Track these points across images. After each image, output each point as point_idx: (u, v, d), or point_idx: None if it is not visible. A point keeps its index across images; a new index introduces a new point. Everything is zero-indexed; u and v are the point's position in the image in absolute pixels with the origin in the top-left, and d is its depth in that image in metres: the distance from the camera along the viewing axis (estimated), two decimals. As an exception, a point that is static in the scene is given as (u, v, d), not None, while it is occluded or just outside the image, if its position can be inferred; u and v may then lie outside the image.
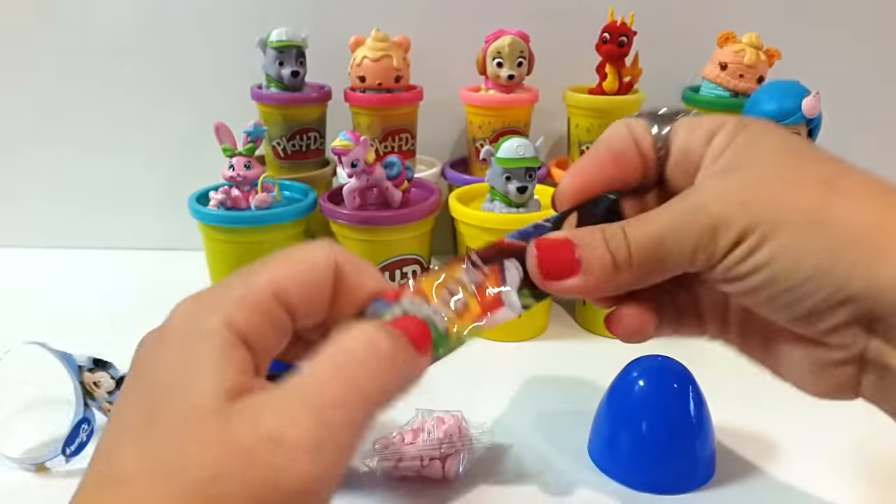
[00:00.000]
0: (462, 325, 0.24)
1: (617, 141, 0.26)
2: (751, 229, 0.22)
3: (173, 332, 0.21)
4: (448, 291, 0.24)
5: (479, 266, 0.25)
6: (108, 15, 0.72)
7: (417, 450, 0.41)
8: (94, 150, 0.77)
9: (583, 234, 0.24)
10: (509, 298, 0.25)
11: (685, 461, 0.41)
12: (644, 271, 0.23)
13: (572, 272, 0.24)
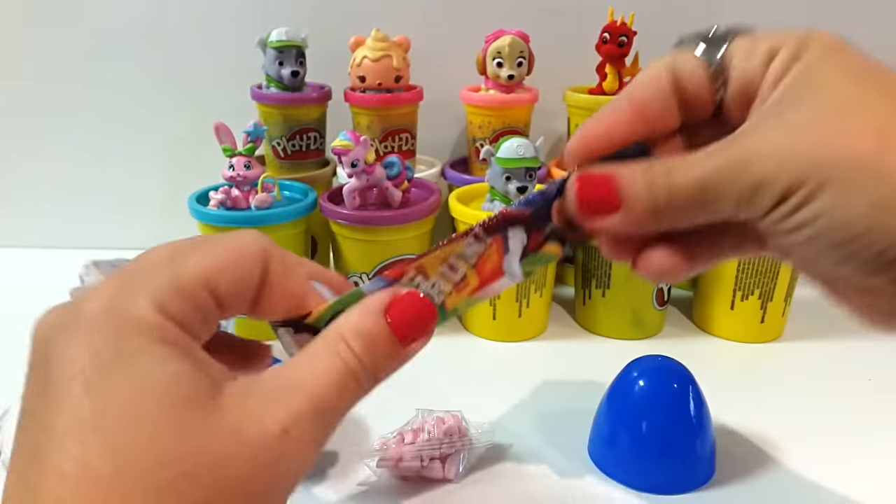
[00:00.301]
0: (459, 299, 0.25)
1: (641, 90, 0.24)
2: (795, 186, 0.20)
3: (98, 317, 0.19)
4: (449, 266, 0.25)
5: (481, 238, 0.25)
6: (108, 16, 0.72)
7: (417, 450, 0.41)
8: (94, 151, 0.77)
9: (628, 172, 0.23)
10: (510, 267, 0.25)
11: (685, 461, 0.41)
12: (684, 217, 0.22)
13: (613, 210, 0.23)
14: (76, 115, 0.75)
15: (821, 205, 0.20)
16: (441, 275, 0.24)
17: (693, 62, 0.24)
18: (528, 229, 0.25)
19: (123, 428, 0.18)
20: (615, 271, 0.58)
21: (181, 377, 0.19)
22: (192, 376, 0.19)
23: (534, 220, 0.25)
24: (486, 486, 0.42)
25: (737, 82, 0.23)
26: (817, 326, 0.62)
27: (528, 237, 0.25)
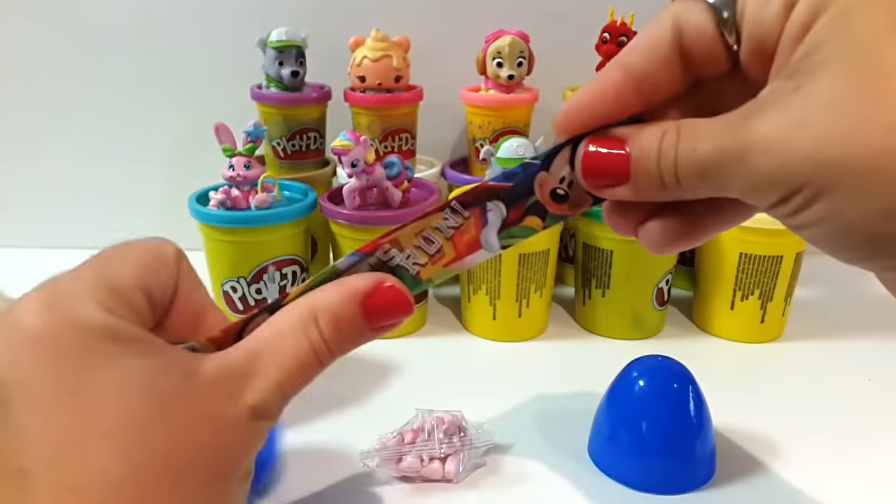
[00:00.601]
0: (434, 270, 0.25)
1: (639, 57, 0.22)
2: (795, 189, 0.18)
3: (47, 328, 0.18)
4: (424, 238, 0.25)
5: (458, 212, 0.24)
6: (107, 16, 0.72)
7: (417, 450, 0.41)
8: (94, 151, 0.77)
9: (641, 139, 0.21)
10: (487, 239, 0.25)
11: (685, 461, 0.41)
12: (689, 192, 0.21)
13: (621, 181, 0.22)
14: (76, 115, 0.75)
15: (824, 208, 0.18)
16: (416, 247, 0.25)
17: (699, 15, 0.20)
18: (508, 203, 0.25)
19: (124, 429, 0.18)
20: (615, 271, 0.58)
21: (156, 372, 0.19)
22: (165, 370, 0.19)
23: (514, 194, 0.24)
24: (486, 486, 0.42)
25: (750, 38, 0.20)
26: (817, 326, 0.62)
27: (508, 210, 0.25)
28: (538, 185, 0.24)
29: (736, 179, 0.20)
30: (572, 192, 0.24)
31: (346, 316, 0.22)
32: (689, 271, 0.66)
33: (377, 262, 0.25)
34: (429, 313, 0.64)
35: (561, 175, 0.24)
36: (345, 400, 0.50)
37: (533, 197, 0.25)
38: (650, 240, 0.24)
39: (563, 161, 0.24)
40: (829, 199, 0.18)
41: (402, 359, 0.56)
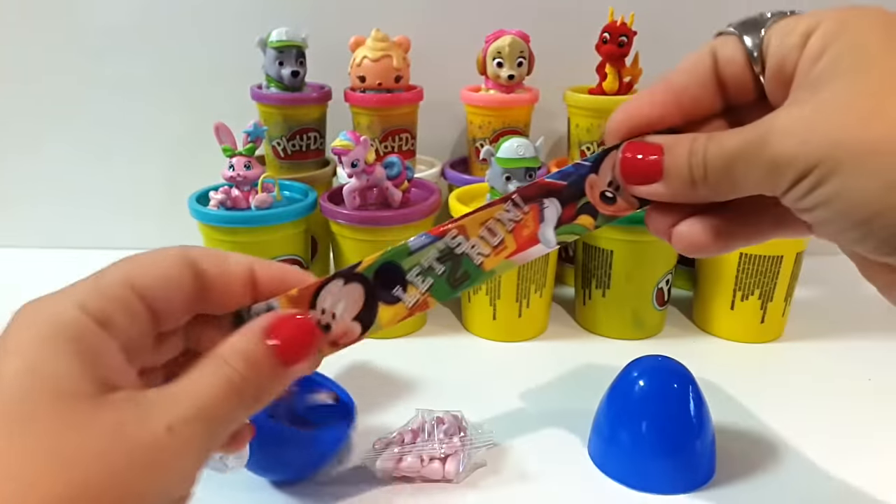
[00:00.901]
0: (496, 261, 0.27)
1: (679, 74, 0.25)
2: (811, 167, 0.21)
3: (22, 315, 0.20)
4: (488, 229, 0.26)
5: (519, 206, 0.26)
6: (107, 15, 0.72)
7: (417, 450, 0.41)
8: (94, 151, 0.77)
9: (673, 141, 0.25)
10: (545, 235, 0.27)
11: (685, 461, 0.41)
12: (719, 190, 0.24)
13: (654, 178, 0.25)
14: (75, 115, 0.75)
15: (833, 187, 0.21)
16: (480, 237, 0.26)
17: (732, 46, 0.24)
18: (563, 200, 0.26)
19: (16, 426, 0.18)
20: (615, 271, 0.58)
21: (66, 374, 0.19)
22: (78, 375, 0.19)
23: (568, 192, 0.26)
24: (486, 486, 0.42)
25: (773, 64, 0.23)
26: (817, 326, 0.62)
27: (563, 208, 0.26)
28: (589, 187, 0.26)
29: (758, 165, 0.22)
30: (619, 195, 0.26)
31: (255, 352, 0.22)
32: (689, 271, 0.66)
33: (445, 249, 0.26)
34: (429, 313, 0.64)
35: (609, 178, 0.26)
36: (345, 400, 0.50)
37: (585, 198, 0.27)
38: (680, 240, 0.26)
39: (610, 165, 0.26)
40: (839, 177, 0.20)
41: (402, 359, 0.56)
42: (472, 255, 0.26)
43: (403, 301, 0.26)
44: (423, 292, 0.26)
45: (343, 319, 0.26)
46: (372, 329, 0.26)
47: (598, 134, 0.65)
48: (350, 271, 0.26)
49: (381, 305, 0.26)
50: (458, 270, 0.26)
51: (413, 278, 0.26)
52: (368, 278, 0.26)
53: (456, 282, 0.26)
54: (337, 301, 0.26)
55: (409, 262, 0.26)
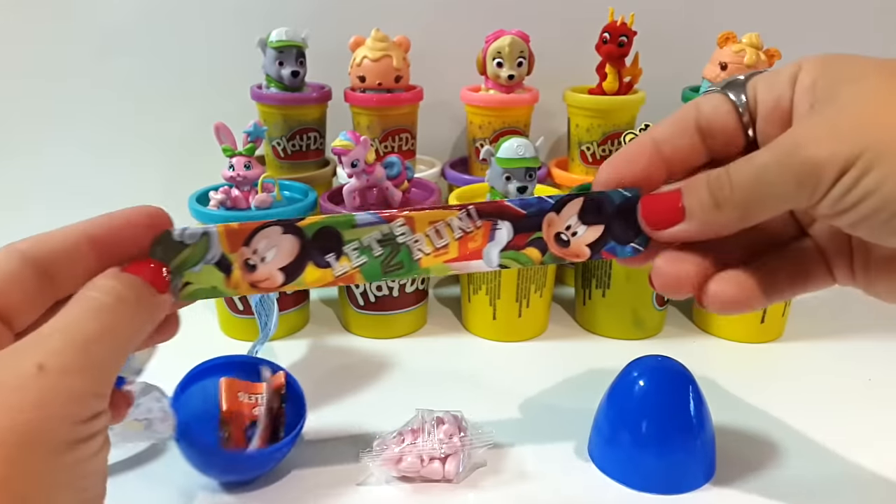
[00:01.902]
0: (433, 262, 0.27)
1: (662, 129, 0.27)
2: (853, 158, 0.21)
3: None
4: (435, 230, 0.27)
5: (472, 218, 0.27)
6: (107, 15, 0.72)
7: (417, 450, 0.41)
8: (94, 151, 0.77)
9: (689, 181, 0.25)
10: (489, 254, 0.27)
11: (685, 461, 0.41)
12: (746, 210, 0.24)
13: (677, 219, 0.25)
14: (75, 115, 0.75)
15: (879, 174, 0.21)
16: (426, 235, 0.27)
17: (716, 99, 0.26)
18: (518, 228, 0.27)
19: None
20: (615, 271, 0.58)
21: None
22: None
23: (525, 222, 0.27)
24: (486, 486, 0.42)
25: (766, 107, 0.25)
26: (817, 326, 0.62)
27: (515, 234, 0.27)
28: (546, 224, 0.27)
29: (790, 177, 0.22)
30: (573, 241, 0.27)
31: (112, 281, 0.24)
32: (689, 271, 0.66)
33: (389, 234, 0.27)
34: (429, 313, 0.64)
35: (567, 223, 0.27)
36: (345, 400, 0.50)
37: (539, 233, 0.27)
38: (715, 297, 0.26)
39: (574, 210, 0.27)
40: (884, 165, 0.21)
41: (402, 359, 0.56)
42: (413, 249, 0.27)
43: (332, 268, 0.27)
44: (354, 267, 0.27)
45: (269, 265, 0.26)
46: (293, 284, 0.27)
47: (598, 134, 0.65)
48: (292, 222, 0.26)
49: (310, 265, 0.27)
50: (394, 258, 0.27)
51: (349, 251, 0.27)
52: (307, 236, 0.26)
53: (389, 268, 0.27)
54: (271, 246, 0.26)
55: (351, 235, 0.27)
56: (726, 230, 0.25)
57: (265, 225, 0.26)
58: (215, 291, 0.27)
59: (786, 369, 0.56)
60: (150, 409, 0.41)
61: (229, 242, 0.26)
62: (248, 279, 0.27)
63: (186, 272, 0.26)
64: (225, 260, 0.26)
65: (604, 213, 0.27)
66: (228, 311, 0.58)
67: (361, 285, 0.58)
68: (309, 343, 0.59)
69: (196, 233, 0.26)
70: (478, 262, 0.27)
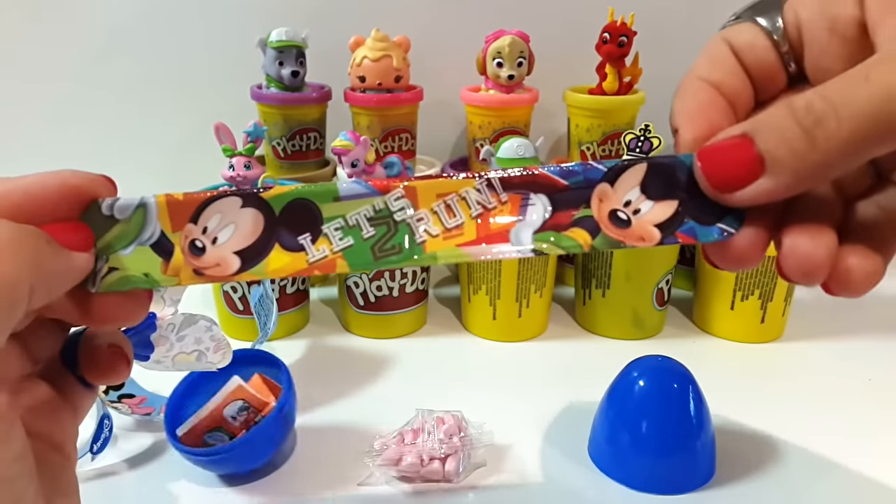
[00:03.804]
0: (444, 246, 0.21)
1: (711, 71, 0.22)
2: None
3: None
4: (446, 204, 0.21)
5: (495, 190, 0.21)
6: (107, 15, 0.72)
7: (417, 450, 0.41)
8: (94, 151, 0.77)
9: (760, 119, 0.19)
10: (518, 235, 0.21)
11: (685, 461, 0.41)
12: (860, 146, 0.18)
13: (756, 174, 0.19)
14: (75, 115, 0.75)
15: None
16: (433, 211, 0.21)
17: (748, 32, 0.21)
18: (557, 203, 0.21)
19: None
20: (615, 271, 0.58)
21: None
22: None
23: (568, 196, 0.21)
24: (486, 486, 0.42)
25: (817, 35, 0.20)
26: (817, 326, 0.62)
27: (554, 211, 0.21)
28: (597, 198, 0.21)
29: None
30: (635, 221, 0.21)
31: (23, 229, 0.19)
32: (689, 271, 0.66)
33: (384, 209, 0.21)
34: (429, 313, 0.64)
35: (627, 197, 0.21)
36: (345, 400, 0.50)
37: (588, 210, 0.21)
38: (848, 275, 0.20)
39: (635, 181, 0.21)
40: None
41: (402, 359, 0.57)
42: (415, 229, 0.21)
43: (306, 252, 0.21)
44: (335, 251, 0.21)
45: (222, 247, 0.21)
46: (251, 272, 0.21)
47: (598, 134, 0.65)
48: (255, 193, 0.21)
49: (276, 248, 0.21)
50: (389, 240, 0.21)
51: (330, 231, 0.21)
52: (274, 210, 0.21)
53: (382, 252, 0.21)
54: (225, 224, 0.21)
55: (332, 210, 0.21)
56: (825, 178, 0.19)
57: (219, 196, 0.21)
58: (147, 280, 0.21)
59: (786, 369, 0.56)
60: (199, 340, 0.39)
61: (172, 218, 0.21)
62: (192, 264, 0.21)
63: (113, 255, 0.21)
64: (165, 240, 0.21)
65: (676, 183, 0.21)
66: (228, 311, 0.58)
67: (361, 284, 0.58)
68: (309, 343, 0.59)
69: (130, 205, 0.21)
70: (504, 247, 0.21)
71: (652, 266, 0.58)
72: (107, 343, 0.23)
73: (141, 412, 0.46)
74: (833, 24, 0.20)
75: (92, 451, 0.42)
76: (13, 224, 0.18)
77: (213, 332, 0.40)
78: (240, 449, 0.40)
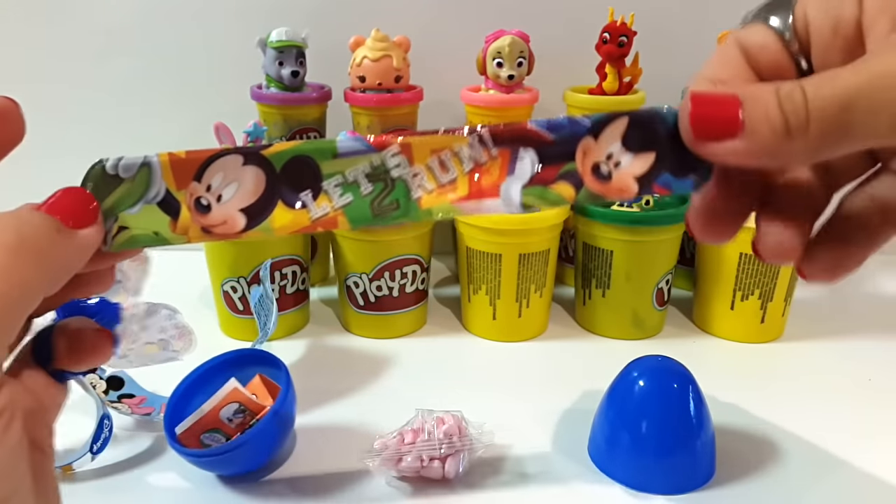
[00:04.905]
0: (438, 202, 0.22)
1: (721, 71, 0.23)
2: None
3: None
4: (439, 161, 0.22)
5: (486, 145, 0.22)
6: (107, 15, 0.72)
7: (417, 450, 0.41)
8: (94, 151, 0.77)
9: (752, 89, 0.20)
10: (507, 191, 0.22)
11: (685, 461, 0.41)
12: (822, 141, 0.19)
13: (733, 133, 0.20)
14: (75, 115, 0.75)
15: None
16: (428, 167, 0.22)
17: (760, 32, 0.22)
18: (545, 157, 0.22)
19: None
20: (615, 271, 0.58)
21: None
22: None
23: (555, 150, 0.22)
24: (486, 486, 0.42)
25: (822, 34, 0.21)
26: (817, 326, 0.62)
27: (541, 166, 0.22)
28: (581, 152, 0.22)
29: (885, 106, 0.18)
30: (616, 174, 0.22)
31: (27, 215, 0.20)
32: (689, 271, 0.66)
33: (380, 166, 0.22)
34: (429, 313, 0.64)
35: (609, 150, 0.22)
36: (345, 400, 0.50)
37: (573, 164, 0.22)
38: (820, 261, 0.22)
39: (616, 134, 0.22)
40: None
41: (402, 359, 0.57)
42: (411, 185, 0.22)
43: (308, 209, 0.22)
44: (335, 208, 0.22)
45: (227, 205, 0.22)
46: (258, 229, 0.22)
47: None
48: (256, 151, 0.21)
49: (280, 206, 0.22)
50: (386, 196, 0.22)
51: (330, 187, 0.22)
52: (275, 167, 0.21)
53: (380, 210, 0.22)
54: (228, 182, 0.22)
55: (331, 167, 0.21)
56: (794, 162, 0.21)
57: (221, 153, 0.21)
58: (158, 238, 0.22)
59: (786, 369, 0.56)
60: (162, 329, 0.39)
61: (176, 176, 0.22)
62: (199, 222, 0.22)
63: (122, 214, 0.21)
64: (171, 198, 0.22)
65: (654, 136, 0.22)
66: (228, 311, 0.58)
67: (361, 284, 0.58)
68: (309, 343, 0.59)
69: (134, 164, 0.22)
70: (494, 202, 0.22)
71: (652, 266, 0.58)
72: (90, 327, 0.23)
73: (141, 412, 0.46)
74: (836, 24, 0.21)
75: (92, 451, 0.42)
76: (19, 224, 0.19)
77: (175, 319, 0.39)
78: (235, 451, 0.40)
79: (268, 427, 0.41)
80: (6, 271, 0.18)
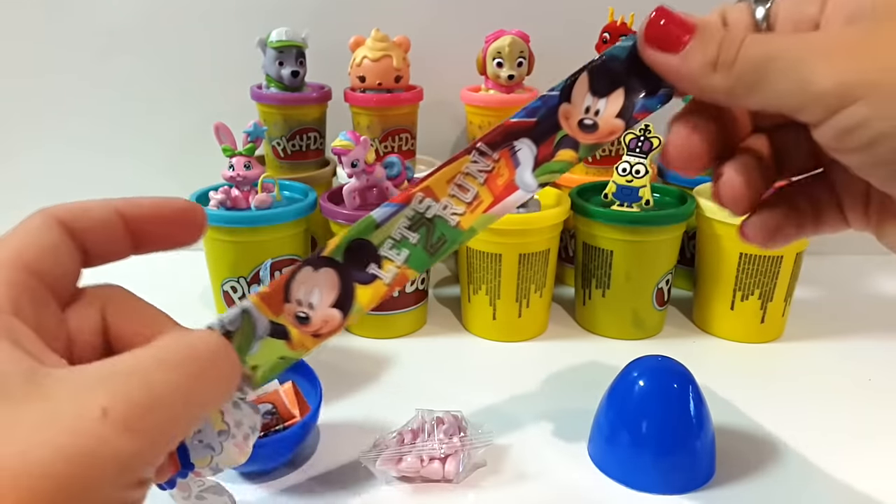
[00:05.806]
0: (474, 219, 0.24)
1: None
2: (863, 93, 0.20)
3: None
4: (457, 185, 0.24)
5: (486, 154, 0.24)
6: (108, 15, 0.72)
7: (417, 450, 0.41)
8: (94, 151, 0.77)
9: (710, 25, 0.23)
10: (523, 179, 0.24)
11: (685, 461, 0.41)
12: (738, 81, 0.22)
13: (674, 49, 0.23)
14: (76, 115, 0.75)
15: (862, 114, 0.20)
16: (451, 196, 0.24)
17: (738, 12, 0.24)
18: (536, 138, 0.24)
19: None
20: (615, 271, 0.58)
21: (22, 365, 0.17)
22: (9, 358, 0.17)
23: (540, 129, 0.24)
24: (486, 486, 0.42)
25: (786, 28, 0.23)
26: (817, 326, 0.62)
27: (538, 147, 0.24)
28: (563, 118, 0.24)
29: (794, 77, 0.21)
30: (600, 121, 0.24)
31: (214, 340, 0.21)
32: (689, 271, 0.66)
33: (415, 215, 0.24)
34: (429, 313, 0.64)
35: (585, 104, 0.24)
36: (344, 400, 0.50)
37: (561, 130, 0.24)
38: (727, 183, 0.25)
39: (584, 89, 0.24)
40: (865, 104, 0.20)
41: (402, 359, 0.57)
42: (446, 217, 0.24)
43: (381, 278, 0.24)
44: (399, 265, 0.24)
45: (320, 308, 0.24)
46: (352, 313, 0.24)
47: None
48: (317, 257, 0.24)
49: (358, 287, 0.24)
50: (433, 235, 0.24)
51: (387, 252, 0.24)
52: (338, 261, 0.24)
53: (433, 248, 0.24)
54: (311, 290, 0.24)
55: (379, 236, 0.24)
56: (707, 96, 0.23)
57: (294, 273, 0.24)
58: (285, 361, 0.24)
59: (786, 369, 0.56)
60: None
61: (270, 307, 0.24)
62: (307, 332, 0.24)
63: (247, 358, 0.24)
64: (277, 326, 0.24)
65: (616, 75, 0.24)
66: (228, 311, 0.58)
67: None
68: (309, 343, 0.59)
69: (235, 316, 0.24)
70: (517, 195, 0.24)
71: (652, 266, 0.58)
72: None
73: None
74: (798, 20, 0.23)
75: None
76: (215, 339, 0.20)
77: None
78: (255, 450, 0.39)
79: (291, 437, 0.41)
80: None
